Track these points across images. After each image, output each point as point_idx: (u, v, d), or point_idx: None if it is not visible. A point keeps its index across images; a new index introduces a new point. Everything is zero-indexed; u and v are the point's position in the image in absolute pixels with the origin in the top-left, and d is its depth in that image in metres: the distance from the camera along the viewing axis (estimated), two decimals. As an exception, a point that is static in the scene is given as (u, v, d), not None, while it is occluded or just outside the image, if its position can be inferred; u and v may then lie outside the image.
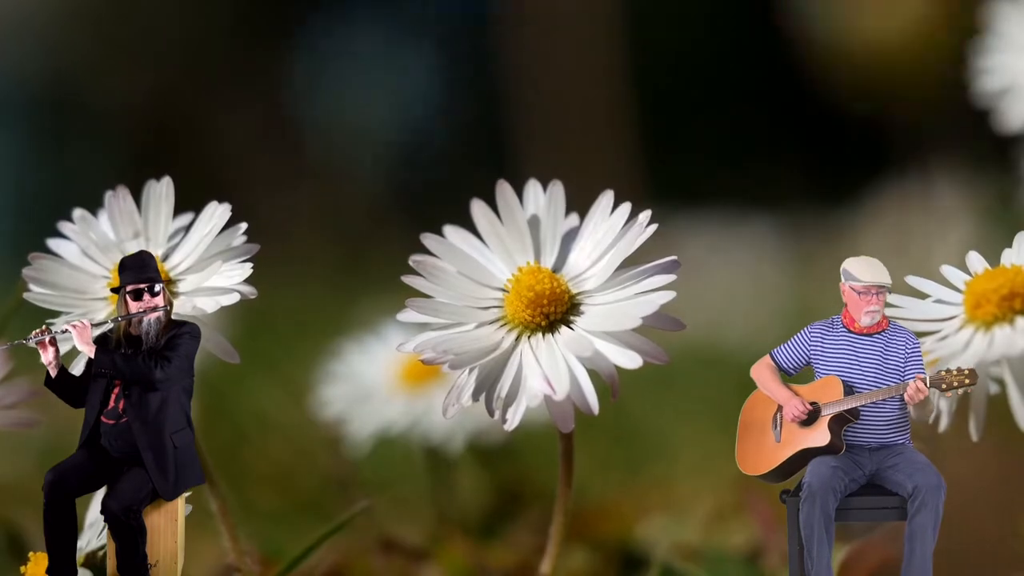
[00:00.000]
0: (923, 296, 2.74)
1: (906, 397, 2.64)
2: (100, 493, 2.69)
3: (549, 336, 2.65)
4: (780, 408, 2.71)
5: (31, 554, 2.70)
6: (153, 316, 2.65)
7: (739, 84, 9.94)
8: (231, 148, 9.93)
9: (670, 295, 2.59)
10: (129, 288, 2.65)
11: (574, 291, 2.69)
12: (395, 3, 10.66)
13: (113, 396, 2.65)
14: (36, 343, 2.66)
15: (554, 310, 2.67)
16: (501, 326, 2.68)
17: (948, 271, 2.74)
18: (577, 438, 2.76)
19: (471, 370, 2.64)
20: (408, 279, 2.70)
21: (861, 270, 2.68)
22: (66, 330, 2.65)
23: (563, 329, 2.65)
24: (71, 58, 10.44)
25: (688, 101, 10.07)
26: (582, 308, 2.67)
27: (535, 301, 2.66)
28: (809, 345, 2.72)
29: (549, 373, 2.60)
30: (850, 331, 2.70)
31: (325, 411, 3.86)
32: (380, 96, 10.57)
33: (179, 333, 2.65)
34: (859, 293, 2.69)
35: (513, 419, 2.62)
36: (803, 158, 9.21)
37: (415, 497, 4.09)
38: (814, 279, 6.61)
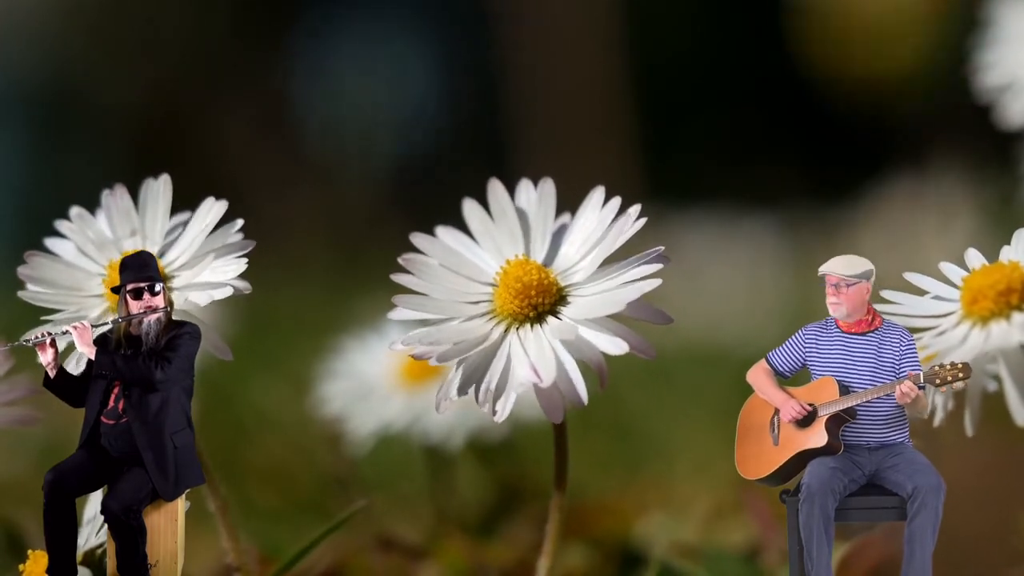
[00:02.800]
0: (921, 293, 2.75)
1: (896, 396, 2.64)
2: (101, 495, 2.69)
3: (537, 327, 2.66)
4: (777, 411, 2.71)
5: (30, 552, 2.70)
6: (153, 317, 2.64)
7: (737, 83, 9.95)
8: (230, 148, 9.93)
9: (655, 283, 2.59)
10: (129, 288, 2.65)
11: (563, 283, 2.70)
12: (394, 4, 10.67)
13: (112, 396, 2.65)
14: (35, 344, 2.66)
15: (542, 301, 2.67)
16: (490, 319, 2.69)
17: (946, 267, 2.74)
18: (576, 436, 2.76)
19: (459, 363, 2.64)
20: (397, 277, 2.71)
21: (827, 263, 2.70)
22: (67, 331, 2.65)
23: (550, 319, 2.66)
24: (70, 58, 10.45)
25: (686, 100, 10.08)
26: (570, 299, 2.68)
27: (523, 292, 2.67)
28: (804, 347, 2.72)
29: (536, 361, 2.60)
30: (844, 331, 2.70)
31: (325, 409, 3.86)
32: (378, 97, 10.57)
33: (179, 333, 2.65)
34: (826, 285, 2.70)
35: (503, 411, 2.62)
36: (801, 156, 9.21)
37: (414, 495, 4.09)
38: (812, 277, 6.60)
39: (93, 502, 2.75)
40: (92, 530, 2.73)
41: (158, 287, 2.65)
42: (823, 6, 9.56)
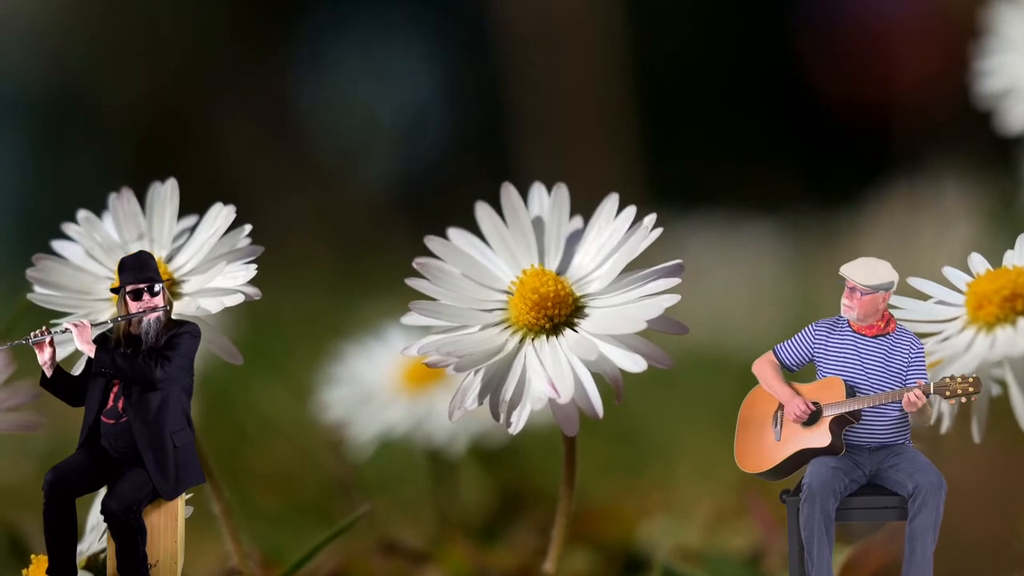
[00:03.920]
0: (925, 297, 2.74)
1: (904, 404, 2.64)
2: (101, 496, 2.69)
3: (553, 339, 2.65)
4: (781, 406, 2.70)
5: (33, 557, 2.70)
6: (153, 316, 2.64)
7: (739, 86, 9.95)
8: (233, 152, 9.94)
9: (675, 298, 2.59)
10: (129, 288, 2.65)
11: (578, 294, 2.69)
12: (396, 7, 10.67)
13: (112, 395, 2.65)
14: (34, 344, 2.66)
15: (558, 313, 2.67)
16: (505, 328, 2.68)
17: (950, 272, 2.74)
18: (579, 440, 2.75)
19: (476, 373, 2.63)
20: (412, 282, 2.70)
21: (849, 264, 2.70)
22: (67, 330, 2.65)
23: (567, 332, 2.65)
24: (73, 59, 10.45)
25: (688, 104, 10.08)
26: (586, 311, 2.67)
27: (539, 304, 2.66)
28: (814, 342, 2.71)
29: (553, 376, 2.60)
30: (856, 332, 2.70)
31: (327, 415, 3.86)
32: (381, 100, 10.57)
33: (179, 333, 2.65)
34: (844, 285, 2.70)
35: (518, 423, 2.61)
36: (803, 160, 9.21)
37: (417, 499, 4.09)
38: (815, 281, 6.61)
39: (95, 511, 2.75)
40: (95, 537, 2.73)
41: (157, 287, 2.65)
42: (825, 10, 9.57)
